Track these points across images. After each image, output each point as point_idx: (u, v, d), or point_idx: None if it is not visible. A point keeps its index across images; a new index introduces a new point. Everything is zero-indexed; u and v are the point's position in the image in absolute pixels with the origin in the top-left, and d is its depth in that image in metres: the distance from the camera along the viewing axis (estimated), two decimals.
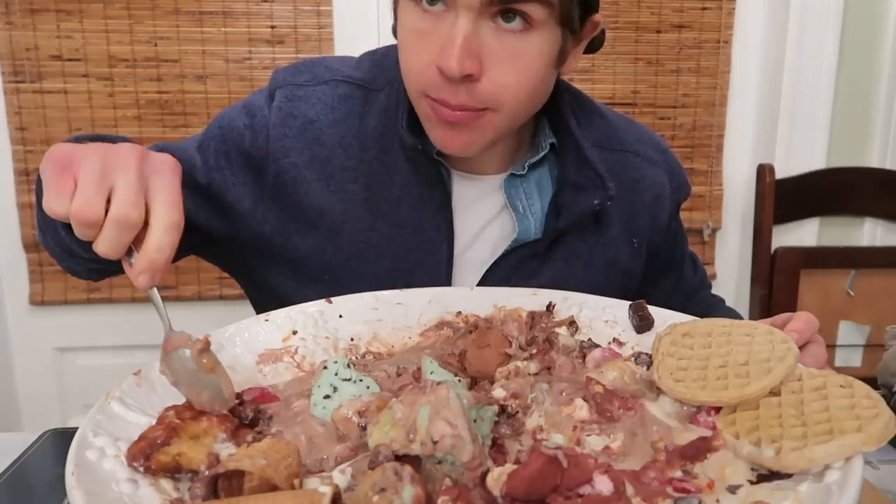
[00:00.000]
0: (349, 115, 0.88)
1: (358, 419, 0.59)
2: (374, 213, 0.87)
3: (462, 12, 0.71)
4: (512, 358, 0.70)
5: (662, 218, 0.97)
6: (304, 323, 0.77)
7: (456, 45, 0.71)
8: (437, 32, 0.73)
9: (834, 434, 0.51)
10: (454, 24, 0.72)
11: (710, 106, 1.99)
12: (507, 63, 0.74)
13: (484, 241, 0.91)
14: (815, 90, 1.91)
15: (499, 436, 0.59)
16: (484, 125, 0.78)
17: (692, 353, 0.63)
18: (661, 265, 1.01)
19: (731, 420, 0.57)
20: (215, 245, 0.92)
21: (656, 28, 1.93)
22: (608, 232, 0.93)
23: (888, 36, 1.91)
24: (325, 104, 0.88)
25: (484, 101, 0.76)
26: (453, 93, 0.74)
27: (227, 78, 1.85)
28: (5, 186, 1.85)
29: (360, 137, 0.88)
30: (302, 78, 0.90)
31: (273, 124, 0.87)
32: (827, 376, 0.58)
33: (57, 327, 1.92)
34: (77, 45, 1.80)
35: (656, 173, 0.96)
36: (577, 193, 0.87)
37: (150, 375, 0.65)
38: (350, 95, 0.89)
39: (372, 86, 0.89)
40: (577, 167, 0.88)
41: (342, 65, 0.92)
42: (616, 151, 0.93)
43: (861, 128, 1.97)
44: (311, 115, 0.88)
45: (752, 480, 0.52)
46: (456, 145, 0.80)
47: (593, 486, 0.49)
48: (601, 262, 0.93)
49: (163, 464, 0.54)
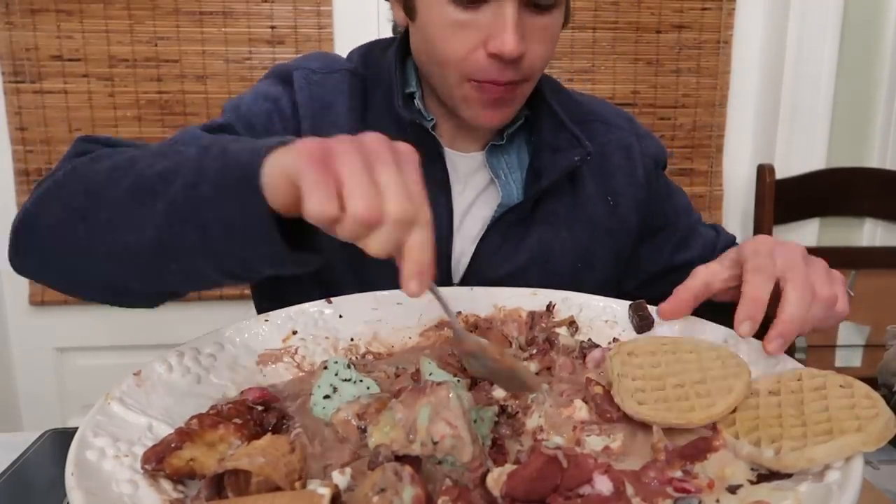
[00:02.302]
0: (357, 105, 0.92)
1: (357, 421, 0.59)
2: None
3: (506, 1, 0.78)
4: None
5: (638, 174, 1.00)
6: (304, 323, 0.77)
7: (510, 31, 0.78)
8: (479, 21, 0.80)
9: (834, 434, 0.51)
10: (502, 13, 0.79)
11: (710, 106, 1.99)
12: (542, 38, 0.83)
13: (474, 216, 0.96)
14: (815, 90, 1.91)
15: (499, 436, 0.59)
16: (519, 95, 0.87)
17: (643, 373, 0.63)
18: (655, 221, 1.03)
19: (731, 420, 0.57)
20: None
21: (656, 28, 1.93)
22: (583, 192, 0.97)
23: (888, 36, 1.91)
24: (341, 91, 0.92)
25: (525, 74, 0.84)
26: (502, 72, 0.82)
27: (227, 78, 1.85)
28: (5, 186, 1.85)
29: (368, 120, 0.92)
30: (315, 64, 0.93)
31: (301, 103, 0.90)
32: (827, 376, 0.58)
33: (57, 327, 1.92)
34: (77, 45, 1.80)
35: (623, 136, 1.01)
36: (554, 155, 0.93)
37: (150, 376, 0.65)
38: (356, 86, 0.93)
39: (368, 78, 0.94)
40: (553, 130, 0.94)
41: (348, 57, 0.98)
42: (583, 123, 0.98)
43: (861, 128, 1.97)
44: (329, 99, 0.91)
45: (753, 480, 0.52)
46: (497, 119, 0.88)
47: (593, 486, 0.49)
48: (580, 220, 0.97)
49: (176, 468, 0.54)
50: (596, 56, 1.93)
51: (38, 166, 1.85)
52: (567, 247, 0.95)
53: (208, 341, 0.71)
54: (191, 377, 0.67)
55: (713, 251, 1.02)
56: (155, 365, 0.66)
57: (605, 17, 1.91)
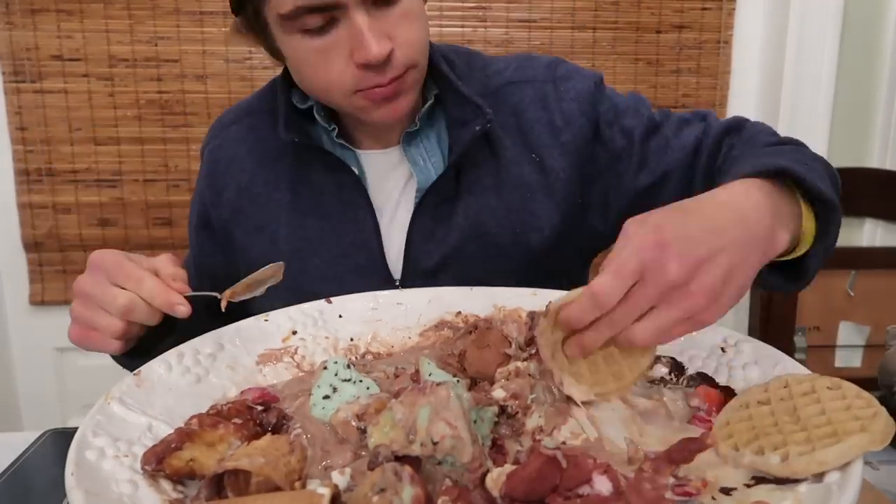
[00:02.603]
0: (258, 138, 0.99)
1: (357, 422, 0.59)
2: (301, 212, 0.96)
3: (353, 11, 0.79)
4: (512, 358, 0.70)
5: (556, 120, 0.94)
6: (303, 323, 0.77)
7: (367, 37, 0.79)
8: (337, 41, 0.81)
9: (839, 436, 0.51)
10: (353, 24, 0.79)
11: (710, 106, 1.99)
12: (405, 25, 0.82)
13: (404, 207, 0.96)
14: (815, 90, 1.90)
15: (499, 436, 0.59)
16: (410, 83, 0.87)
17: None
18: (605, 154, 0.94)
19: (728, 433, 0.56)
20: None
21: (656, 28, 1.93)
22: (504, 155, 0.94)
23: (888, 36, 1.91)
24: (238, 139, 1.01)
25: (405, 64, 0.84)
26: (381, 74, 0.82)
27: (227, 78, 1.85)
28: (5, 186, 1.85)
29: (273, 150, 0.98)
30: (215, 129, 1.05)
31: (203, 180, 1.02)
32: (814, 380, 0.58)
33: (57, 327, 1.91)
34: (77, 45, 1.80)
35: (534, 87, 0.96)
36: (462, 128, 0.92)
37: (150, 376, 0.65)
38: (256, 122, 1.01)
39: (274, 104, 0.97)
40: (458, 105, 0.92)
41: (247, 101, 1.05)
42: (493, 94, 0.96)
43: (861, 128, 1.97)
44: (230, 153, 1.01)
45: (749, 483, 0.52)
46: (396, 113, 0.87)
47: (592, 486, 0.49)
48: (508, 184, 0.94)
49: (176, 468, 0.54)
50: (596, 56, 1.93)
51: (38, 166, 1.85)
52: (500, 214, 0.93)
53: (208, 341, 0.72)
54: (191, 377, 0.67)
55: (696, 154, 0.90)
56: (155, 365, 0.67)
57: (605, 17, 1.92)
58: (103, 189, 1.88)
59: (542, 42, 1.91)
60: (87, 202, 1.88)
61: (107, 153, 1.86)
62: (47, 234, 1.88)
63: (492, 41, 1.90)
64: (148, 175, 1.88)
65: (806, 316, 1.91)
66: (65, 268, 1.90)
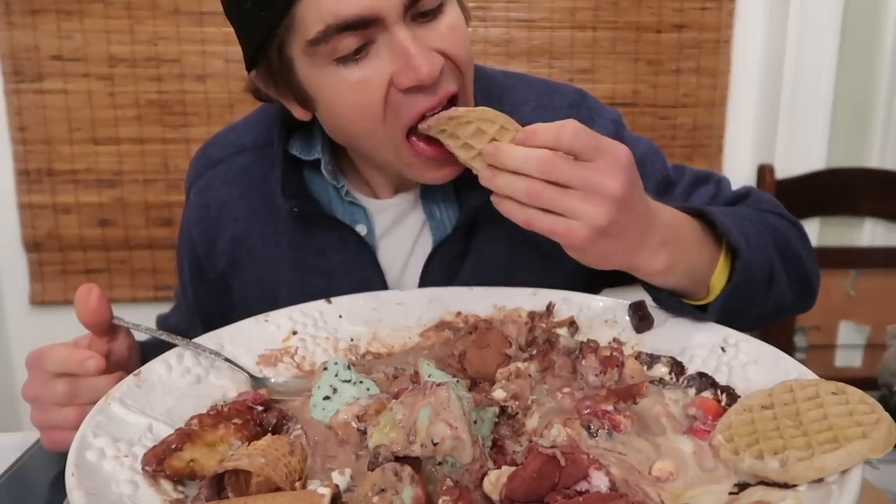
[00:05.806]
0: (251, 185, 0.92)
1: (357, 424, 0.59)
2: (303, 269, 0.90)
3: (393, 28, 0.70)
4: (512, 359, 0.70)
5: None
6: (303, 323, 0.77)
7: (415, 54, 0.69)
8: (378, 68, 0.71)
9: (840, 442, 0.50)
10: (393, 41, 0.70)
11: (710, 106, 1.99)
12: (453, 39, 0.73)
13: (413, 265, 0.91)
14: (815, 90, 1.90)
15: (499, 437, 0.59)
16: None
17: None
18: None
19: (729, 437, 0.56)
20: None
21: (656, 28, 1.93)
22: None
23: (888, 36, 1.90)
24: (228, 181, 0.93)
25: (462, 77, 0.75)
26: (431, 95, 0.72)
27: (227, 78, 1.85)
28: (5, 186, 1.85)
29: (269, 200, 0.90)
30: (201, 164, 0.96)
31: (194, 226, 0.95)
32: (818, 385, 0.58)
33: (57, 327, 1.91)
34: (77, 45, 1.80)
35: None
36: (471, 190, 0.82)
37: (150, 376, 0.65)
38: (247, 165, 0.92)
39: (267, 142, 0.90)
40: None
41: (235, 133, 0.96)
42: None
43: (861, 128, 1.97)
44: (221, 197, 0.93)
45: (733, 491, 0.52)
46: (452, 175, 0.79)
47: (589, 481, 0.49)
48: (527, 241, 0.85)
49: (176, 469, 0.54)
50: (596, 56, 1.93)
51: (38, 166, 1.85)
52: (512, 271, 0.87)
53: (208, 341, 0.71)
54: (191, 377, 0.67)
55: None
56: (155, 365, 0.67)
57: (605, 17, 1.91)
58: (103, 189, 1.88)
59: (542, 42, 1.91)
60: (87, 202, 1.88)
61: (107, 153, 1.86)
62: (47, 234, 1.88)
63: (492, 41, 1.90)
64: (148, 175, 1.88)
65: (806, 315, 1.91)
66: (65, 268, 1.90)
